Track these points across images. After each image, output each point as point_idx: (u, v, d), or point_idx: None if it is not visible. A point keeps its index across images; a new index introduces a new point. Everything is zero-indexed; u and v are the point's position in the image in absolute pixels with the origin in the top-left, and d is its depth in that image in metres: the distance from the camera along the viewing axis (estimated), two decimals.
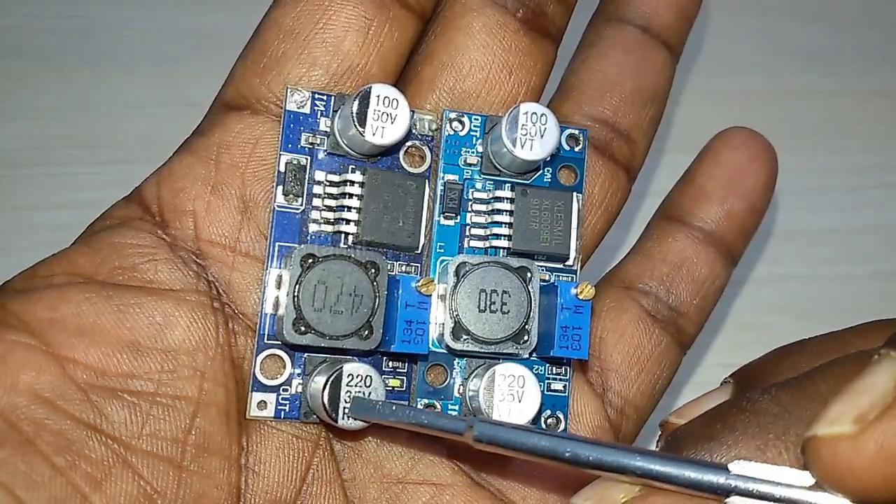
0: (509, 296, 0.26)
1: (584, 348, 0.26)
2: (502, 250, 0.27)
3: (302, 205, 0.26)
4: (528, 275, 0.27)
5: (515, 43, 0.28)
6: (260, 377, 0.25)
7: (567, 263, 0.28)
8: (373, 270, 0.25)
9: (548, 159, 0.27)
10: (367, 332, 0.25)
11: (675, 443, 0.21)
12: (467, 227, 0.27)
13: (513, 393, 0.25)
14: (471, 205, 0.27)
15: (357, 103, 0.25)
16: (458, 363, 0.27)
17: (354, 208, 0.26)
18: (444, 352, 0.27)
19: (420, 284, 0.25)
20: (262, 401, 0.25)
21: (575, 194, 0.28)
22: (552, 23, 0.29)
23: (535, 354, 0.27)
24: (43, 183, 0.39)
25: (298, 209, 0.26)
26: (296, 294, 0.25)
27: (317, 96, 0.26)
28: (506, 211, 0.27)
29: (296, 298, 0.25)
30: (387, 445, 0.26)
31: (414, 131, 0.27)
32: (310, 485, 0.25)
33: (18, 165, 0.39)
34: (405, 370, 0.27)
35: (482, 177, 0.28)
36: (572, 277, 0.28)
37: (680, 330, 0.31)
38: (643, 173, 0.32)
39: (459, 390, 0.27)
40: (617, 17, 0.31)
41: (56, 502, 0.21)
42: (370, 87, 0.25)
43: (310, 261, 0.25)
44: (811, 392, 0.20)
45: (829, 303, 0.42)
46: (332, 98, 0.26)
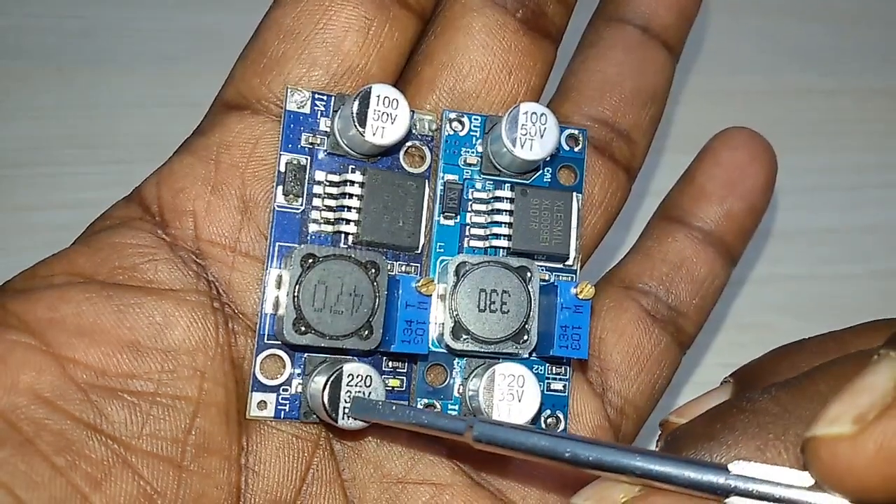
0: (509, 295, 0.26)
1: (584, 348, 0.26)
2: (502, 250, 0.27)
3: (302, 205, 0.26)
4: (528, 274, 0.27)
5: (515, 43, 0.28)
6: (260, 377, 0.25)
7: (567, 263, 0.28)
8: (373, 270, 0.25)
9: (547, 159, 0.27)
10: (367, 332, 0.25)
11: (675, 442, 0.21)
12: (467, 226, 0.27)
13: (513, 393, 0.25)
14: (471, 205, 0.27)
15: (357, 103, 0.25)
16: (458, 363, 0.27)
17: (354, 208, 0.26)
18: (443, 351, 0.27)
19: (420, 284, 0.25)
20: (262, 401, 0.25)
21: (575, 194, 0.28)
22: (552, 23, 0.29)
23: (534, 354, 0.27)
24: (43, 183, 0.39)
25: (298, 209, 0.26)
26: (296, 294, 0.25)
27: (317, 96, 0.26)
28: (506, 211, 0.27)
29: (296, 298, 0.25)
30: (387, 445, 0.26)
31: (414, 131, 0.27)
32: (310, 485, 0.25)
33: (18, 165, 0.39)
34: (405, 370, 0.27)
35: (482, 177, 0.28)
36: (572, 277, 0.28)
37: (679, 330, 0.31)
38: (643, 173, 0.32)
39: (459, 390, 0.27)
40: (617, 17, 0.31)
41: (56, 502, 0.21)
42: (370, 88, 0.25)
43: (310, 261, 0.25)
44: (811, 392, 0.20)
45: (828, 302, 0.42)
46: (333, 98, 0.26)
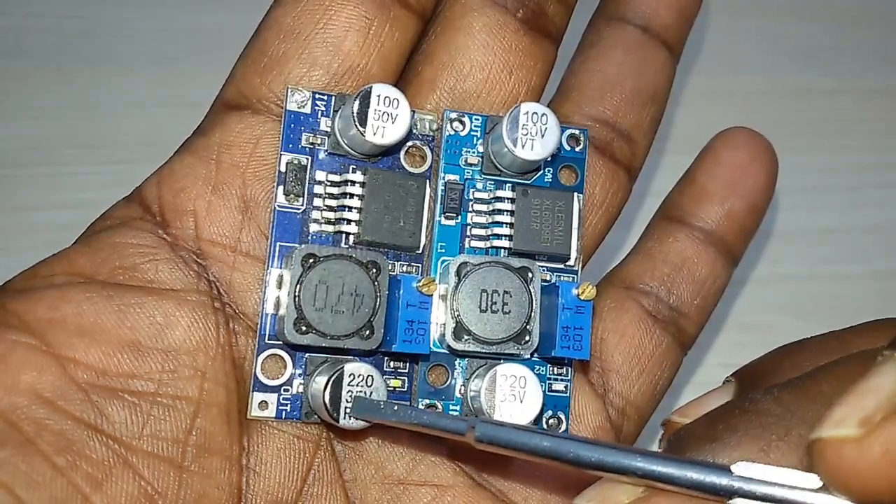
0: (510, 296, 0.26)
1: (586, 349, 0.26)
2: (503, 250, 0.27)
3: (303, 205, 0.26)
4: (530, 275, 0.27)
5: (516, 43, 0.28)
6: (261, 377, 0.25)
7: (568, 264, 0.28)
8: (374, 270, 0.25)
9: (548, 159, 0.27)
10: (368, 331, 0.25)
11: (678, 443, 0.21)
12: (468, 227, 0.27)
13: (514, 393, 0.25)
14: (472, 205, 0.27)
15: (358, 103, 0.25)
16: (460, 363, 0.27)
17: (355, 208, 0.26)
18: (445, 352, 0.27)
19: (421, 284, 0.25)
20: (263, 401, 0.25)
21: (576, 194, 0.28)
22: (552, 23, 0.29)
23: (536, 355, 0.27)
24: (43, 183, 0.39)
25: (299, 209, 0.26)
26: (297, 294, 0.25)
27: (317, 96, 0.26)
28: (507, 211, 0.27)
29: (297, 298, 0.25)
30: (388, 446, 0.26)
31: (414, 131, 0.27)
32: (311, 485, 0.25)
33: (18, 165, 0.39)
34: (406, 370, 0.27)
35: (483, 177, 0.28)
36: (573, 278, 0.28)
37: (681, 330, 0.31)
38: (644, 173, 0.32)
39: (461, 391, 0.27)
40: (617, 17, 0.31)
41: (57, 502, 0.21)
42: (371, 87, 0.25)
43: (311, 260, 0.25)
44: (814, 392, 0.20)
45: (828, 302, 0.42)
46: (333, 98, 0.26)
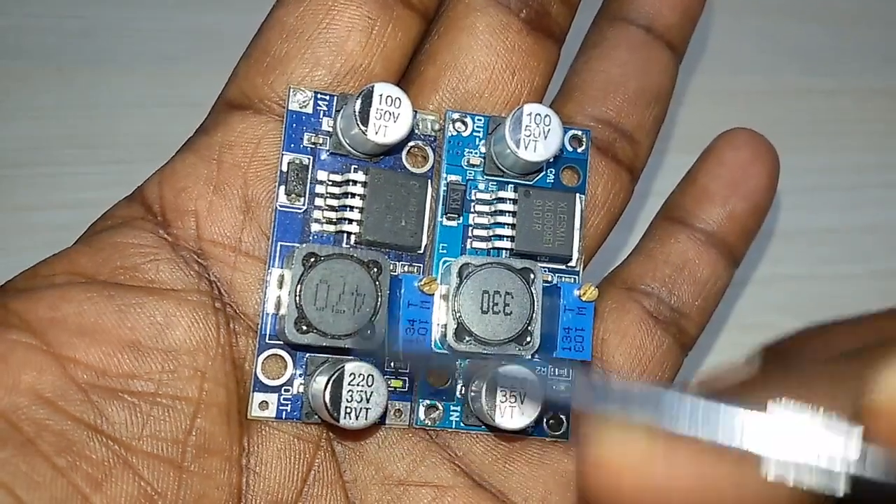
0: (512, 297, 0.26)
1: (587, 350, 0.26)
2: (505, 251, 0.27)
3: (304, 204, 0.26)
4: (531, 276, 0.26)
5: (519, 43, 0.28)
6: (261, 377, 0.25)
7: (570, 265, 0.28)
8: (375, 270, 0.25)
9: (551, 160, 0.27)
10: (369, 331, 0.25)
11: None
12: (470, 227, 0.27)
13: (515, 394, 0.25)
14: (473, 205, 0.27)
15: (360, 102, 0.25)
16: (461, 364, 0.27)
17: (357, 208, 0.26)
18: (446, 353, 0.27)
19: (422, 283, 0.25)
20: (263, 401, 0.25)
21: (578, 195, 0.28)
22: (555, 23, 0.29)
23: (537, 356, 0.27)
24: (43, 183, 0.39)
25: (301, 209, 0.26)
26: (298, 293, 0.24)
27: (319, 96, 0.26)
28: (508, 212, 0.27)
29: (298, 297, 0.24)
30: (388, 447, 0.26)
31: (416, 131, 0.27)
32: (311, 486, 0.25)
33: (18, 165, 0.39)
34: (407, 370, 0.27)
35: (485, 177, 0.28)
36: (575, 279, 0.28)
37: (682, 331, 0.31)
38: (646, 173, 0.32)
39: (461, 391, 0.27)
40: (620, 17, 0.31)
41: (57, 503, 0.21)
42: (373, 86, 0.25)
43: (312, 259, 0.25)
44: (860, 364, 0.18)
45: (829, 302, 0.42)
46: (335, 98, 0.26)
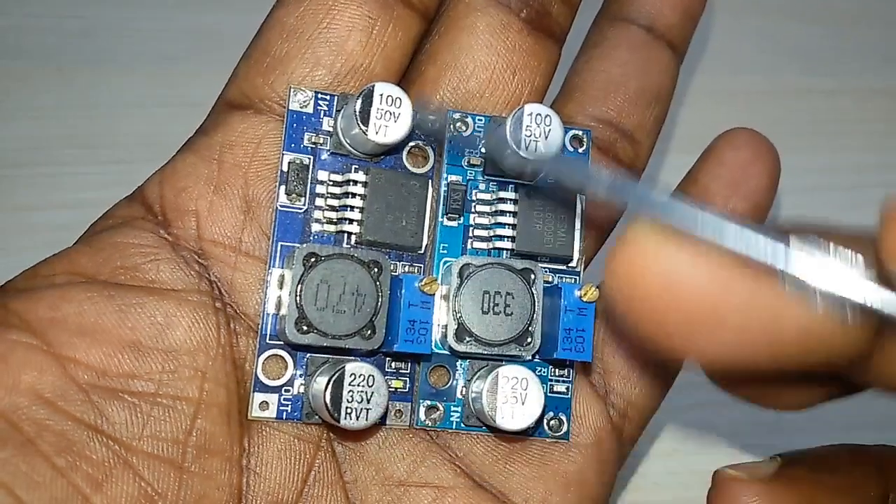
0: (513, 297, 0.26)
1: (588, 351, 0.26)
2: (505, 252, 0.27)
3: (305, 204, 0.26)
4: (532, 276, 0.26)
5: (519, 43, 0.28)
6: (262, 378, 0.25)
7: (570, 265, 0.28)
8: (375, 270, 0.25)
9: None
10: (369, 331, 0.25)
11: None
12: (470, 228, 0.27)
13: (516, 395, 0.25)
14: (474, 206, 0.27)
15: (360, 102, 0.25)
16: (461, 365, 0.27)
17: (357, 208, 0.26)
18: (446, 353, 0.27)
19: (423, 283, 0.25)
20: (263, 401, 0.25)
21: (578, 195, 0.28)
22: (556, 23, 0.29)
23: (538, 356, 0.27)
24: (43, 183, 0.39)
25: (301, 209, 0.26)
26: (298, 293, 0.24)
27: (320, 96, 0.26)
28: (509, 212, 0.27)
29: (298, 297, 0.24)
30: (389, 447, 0.26)
31: (417, 131, 0.27)
32: (311, 486, 0.25)
33: (18, 165, 0.39)
34: (408, 371, 0.27)
35: (485, 178, 0.28)
36: (575, 279, 0.28)
37: None
38: (646, 173, 0.32)
39: (462, 392, 0.27)
40: (621, 17, 0.31)
41: (57, 503, 0.21)
42: (373, 86, 0.25)
43: (312, 259, 0.25)
44: None
45: None
46: (336, 98, 0.26)
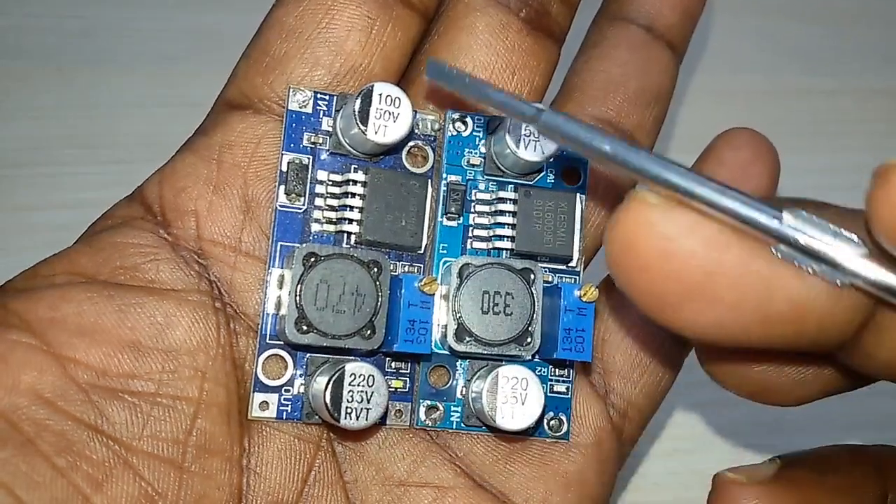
0: (512, 297, 0.26)
1: (588, 351, 0.26)
2: (505, 251, 0.27)
3: (304, 204, 0.26)
4: (532, 276, 0.26)
5: (519, 43, 0.28)
6: (262, 377, 0.25)
7: (570, 265, 0.28)
8: (375, 269, 0.25)
9: (551, 160, 0.27)
10: (369, 331, 0.25)
11: None
12: (470, 227, 0.27)
13: (516, 395, 0.25)
14: (474, 206, 0.27)
15: (359, 102, 0.25)
16: (461, 365, 0.27)
17: (357, 208, 0.26)
18: (446, 353, 0.27)
19: (423, 283, 0.25)
20: (263, 401, 0.25)
21: (578, 195, 0.28)
22: (555, 23, 0.29)
23: (537, 356, 0.27)
24: (43, 183, 0.39)
25: (301, 209, 0.26)
26: (298, 293, 0.24)
27: (319, 96, 0.26)
28: (509, 212, 0.27)
29: (298, 297, 0.24)
30: (389, 447, 0.26)
31: (416, 131, 0.27)
32: (311, 486, 0.25)
33: (18, 165, 0.39)
34: (407, 371, 0.27)
35: (485, 178, 0.28)
36: (575, 279, 0.28)
37: None
38: None
39: (462, 392, 0.27)
40: (620, 17, 0.31)
41: (57, 503, 0.21)
42: (372, 86, 0.25)
43: (312, 259, 0.25)
44: None
45: None
46: (335, 98, 0.26)
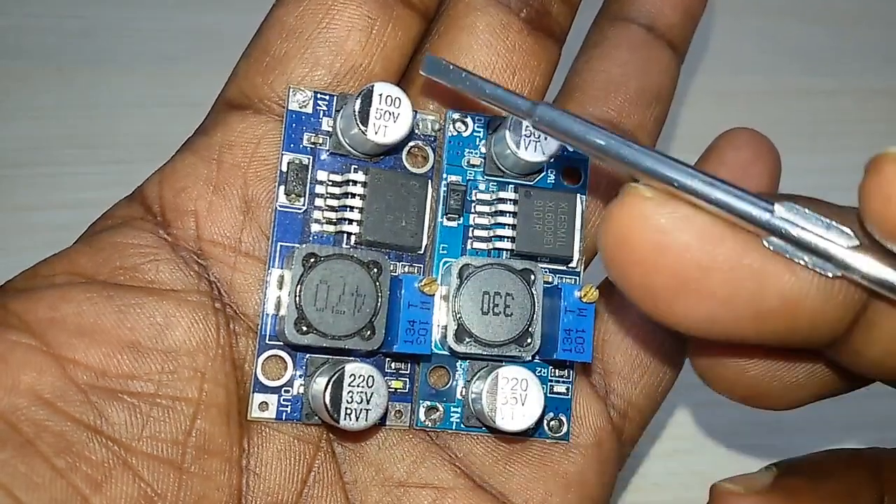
0: (513, 298, 0.26)
1: (588, 351, 0.26)
2: (505, 252, 0.27)
3: (304, 205, 0.26)
4: (532, 277, 0.26)
5: (519, 43, 0.28)
6: (261, 378, 0.25)
7: (570, 266, 0.28)
8: (375, 270, 0.25)
9: (551, 161, 0.27)
10: (369, 332, 0.25)
11: None
12: (470, 228, 0.27)
13: (516, 396, 0.25)
14: (474, 206, 0.27)
15: (359, 102, 0.25)
16: (461, 365, 0.27)
17: (357, 208, 0.26)
18: (446, 354, 0.27)
19: (423, 284, 0.25)
20: (263, 402, 0.25)
21: (578, 196, 0.28)
22: (556, 23, 0.29)
23: (537, 357, 0.27)
24: (43, 183, 0.39)
25: (300, 209, 0.26)
26: (298, 293, 0.24)
27: (319, 96, 0.26)
28: (509, 212, 0.27)
29: (298, 298, 0.24)
30: (389, 448, 0.26)
31: (417, 131, 0.27)
32: (311, 487, 0.25)
33: (18, 165, 0.39)
34: (407, 371, 0.27)
35: (485, 178, 0.28)
36: (575, 280, 0.28)
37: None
38: None
39: (462, 392, 0.27)
40: (621, 17, 0.31)
41: None
42: (372, 86, 0.25)
43: (312, 260, 0.25)
44: None
45: None
46: (335, 98, 0.26)
